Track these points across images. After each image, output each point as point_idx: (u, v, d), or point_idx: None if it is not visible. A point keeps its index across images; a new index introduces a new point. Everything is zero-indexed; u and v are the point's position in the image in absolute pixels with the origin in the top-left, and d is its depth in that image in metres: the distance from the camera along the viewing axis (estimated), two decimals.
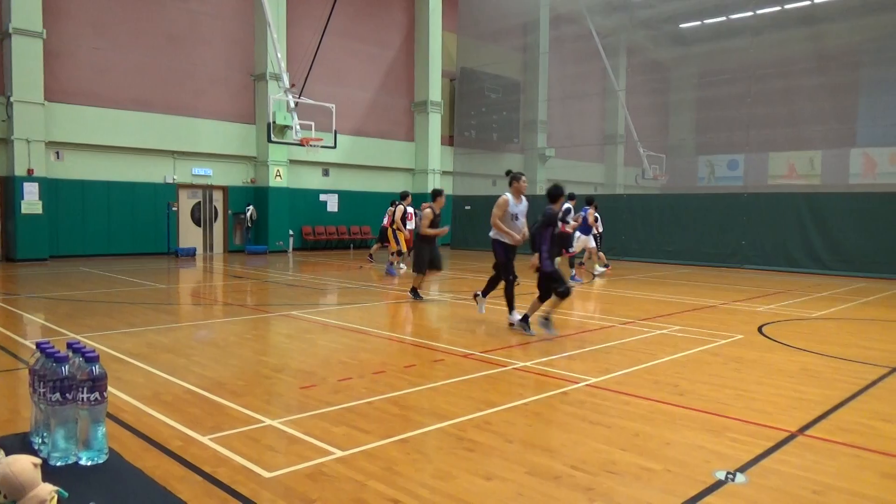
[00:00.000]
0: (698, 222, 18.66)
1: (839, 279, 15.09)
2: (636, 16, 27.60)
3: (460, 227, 25.66)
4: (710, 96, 27.12)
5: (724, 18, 25.79)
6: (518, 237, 8.08)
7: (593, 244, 15.04)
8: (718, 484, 3.53)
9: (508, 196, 8.07)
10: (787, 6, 23.89)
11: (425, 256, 10.52)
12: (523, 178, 8.22)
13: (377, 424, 4.40)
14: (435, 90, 25.87)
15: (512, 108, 28.27)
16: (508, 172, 8.34)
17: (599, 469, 3.70)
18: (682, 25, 27.76)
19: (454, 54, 27.19)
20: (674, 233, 18.96)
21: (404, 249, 15.75)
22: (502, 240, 8.14)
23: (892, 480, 3.63)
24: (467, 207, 25.42)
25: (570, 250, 14.02)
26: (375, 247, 18.56)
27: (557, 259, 14.64)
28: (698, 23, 27.15)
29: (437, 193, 10.91)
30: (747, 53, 25.18)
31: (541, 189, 26.87)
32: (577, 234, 14.45)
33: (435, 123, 25.99)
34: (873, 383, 5.69)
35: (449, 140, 27.27)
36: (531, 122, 27.83)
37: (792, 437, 4.30)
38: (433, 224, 10.51)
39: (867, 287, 13.55)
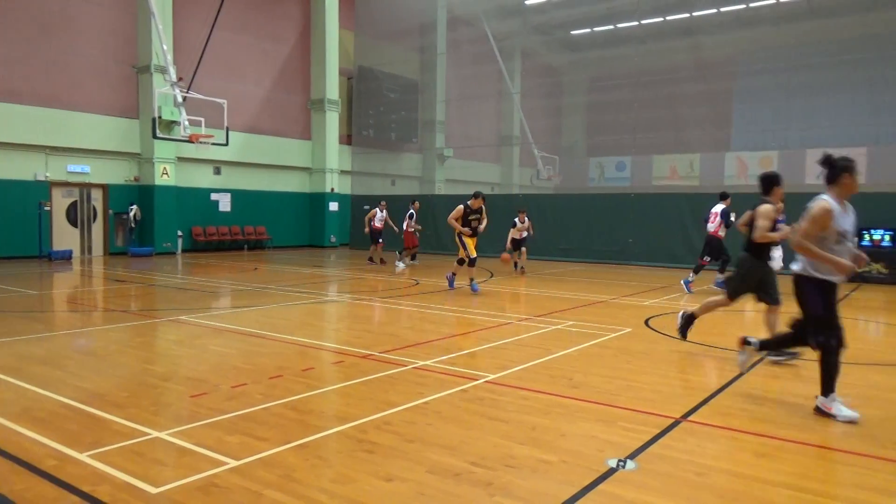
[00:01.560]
0: (589, 221, 19.44)
1: (717, 274, 16.15)
2: (530, 21, 28.43)
3: (358, 227, 25.41)
4: (599, 101, 28.40)
5: (612, 27, 27.07)
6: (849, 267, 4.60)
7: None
8: (611, 472, 3.67)
9: (830, 202, 4.70)
10: (670, 18, 25.42)
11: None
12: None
13: (274, 431, 4.25)
14: (332, 88, 25.47)
15: (410, 107, 28.32)
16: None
17: (499, 464, 3.75)
18: (573, 32, 28.89)
19: (351, 52, 26.89)
20: (566, 231, 19.65)
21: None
22: (821, 276, 4.73)
23: (765, 459, 3.91)
24: (366, 207, 25.21)
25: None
26: (376, 248, 18.12)
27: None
28: (588, 30, 28.35)
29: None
30: (633, 61, 26.55)
31: (439, 189, 27.15)
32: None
33: (332, 122, 25.59)
34: (749, 369, 6.12)
35: (347, 139, 26.93)
36: (429, 123, 28.01)
37: (677, 423, 4.55)
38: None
39: None
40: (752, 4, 23.99)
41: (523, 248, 15.82)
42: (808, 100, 23.97)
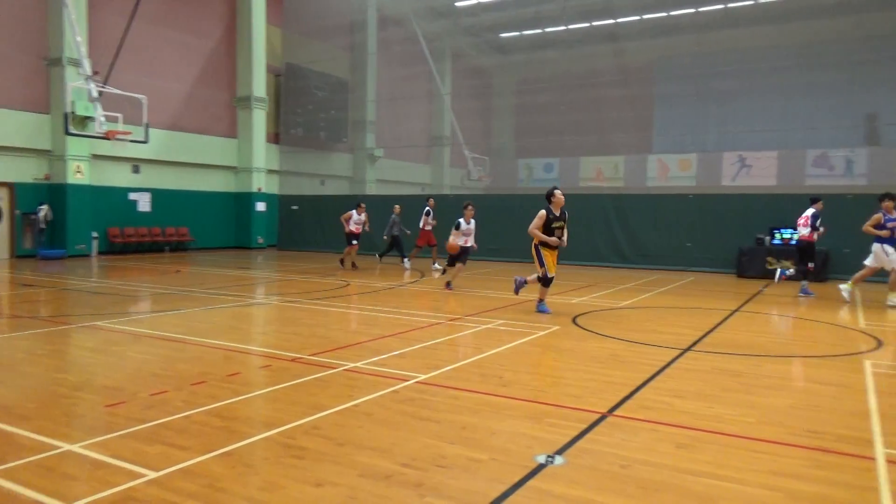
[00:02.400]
0: (518, 221, 19.69)
1: (640, 272, 16.75)
2: (460, 23, 28.62)
3: (286, 227, 24.93)
4: (528, 103, 28.88)
5: (540, 31, 27.59)
6: None
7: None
8: (540, 467, 3.72)
9: None
10: (595, 23, 26.14)
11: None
12: None
13: (197, 439, 4.10)
14: (259, 85, 24.86)
15: (340, 106, 27.99)
16: None
17: (429, 464, 3.74)
18: (502, 35, 29.27)
19: (279, 49, 26.34)
20: (496, 231, 19.86)
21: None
22: None
23: (685, 450, 4.06)
24: (294, 208, 24.76)
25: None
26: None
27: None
28: (517, 33, 28.79)
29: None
30: (560, 65, 27.14)
31: (371, 189, 26.98)
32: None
33: (259, 120, 24.97)
34: (669, 364, 6.36)
35: (275, 138, 26.35)
36: (360, 122, 27.76)
37: (602, 417, 4.66)
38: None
39: (662, 278, 15.18)
40: (672, 13, 24.96)
41: (459, 265, 12.63)
42: (723, 105, 25.15)
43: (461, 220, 12.63)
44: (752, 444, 4.20)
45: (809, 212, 12.43)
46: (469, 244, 12.52)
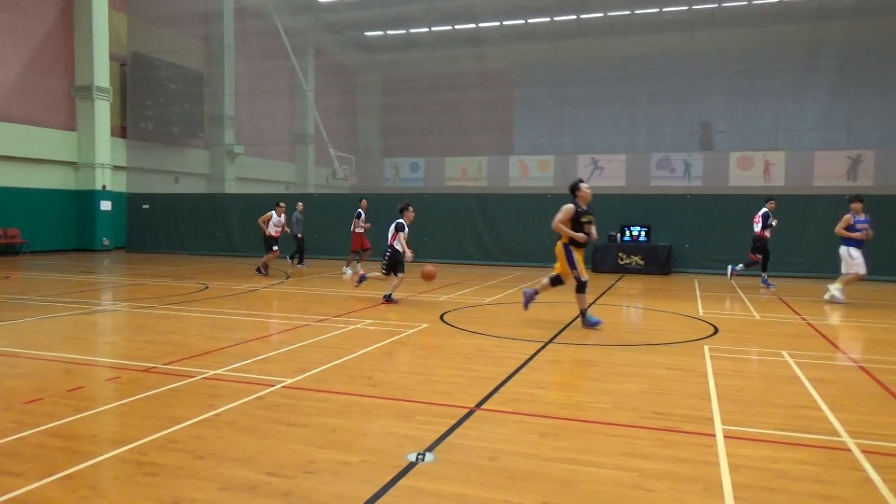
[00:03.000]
0: (385, 221, 19.70)
1: (504, 269, 17.33)
2: (322, 19, 28.11)
3: (136, 228, 23.22)
4: (394, 103, 28.94)
5: (404, 31, 27.73)
6: None
7: None
8: (411, 466, 3.71)
9: None
10: (458, 26, 26.69)
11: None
12: None
13: (32, 463, 3.68)
14: (101, 74, 22.84)
15: (195, 100, 26.48)
16: None
17: (298, 471, 3.61)
18: (366, 33, 29.10)
19: (124, 36, 24.42)
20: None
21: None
22: None
23: (548, 438, 4.23)
24: (145, 207, 23.11)
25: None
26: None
27: None
28: (381, 33, 28.75)
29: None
30: (425, 66, 27.45)
31: (230, 187, 25.78)
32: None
33: (102, 112, 22.95)
34: (532, 357, 6.61)
35: (121, 132, 24.39)
36: (217, 117, 26.44)
37: (471, 412, 4.75)
38: None
39: (526, 275, 15.80)
40: (529, 21, 26.07)
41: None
42: (578, 110, 26.68)
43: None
44: (608, 429, 4.45)
45: (762, 210, 13.47)
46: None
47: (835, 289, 11.22)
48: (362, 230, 15.49)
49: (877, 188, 20.88)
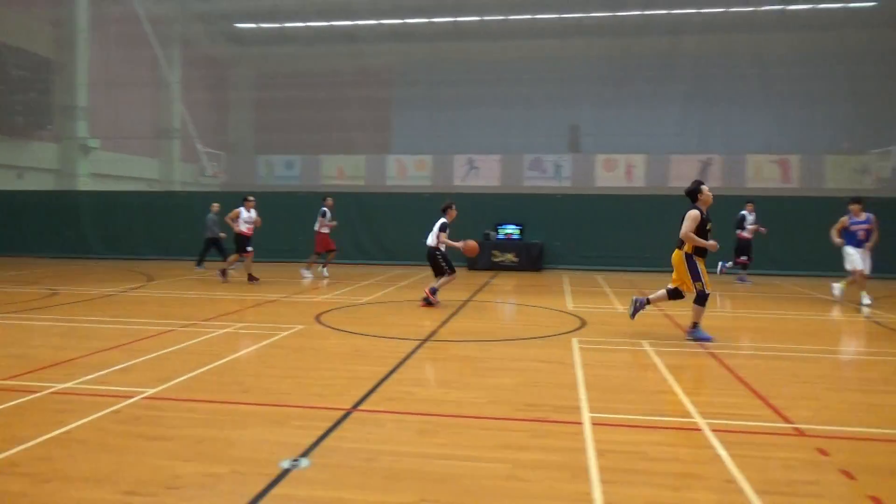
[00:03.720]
0: (263, 220, 19.02)
1: (382, 267, 17.26)
2: (189, 7, 26.65)
3: None
4: (267, 98, 28.01)
5: (277, 25, 26.87)
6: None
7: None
8: (285, 473, 3.58)
9: None
10: (334, 23, 26.26)
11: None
12: None
13: None
14: None
15: (43, 89, 24.14)
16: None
17: (160, 487, 3.37)
18: (237, 25, 27.92)
19: None
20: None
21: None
22: None
23: (426, 436, 4.23)
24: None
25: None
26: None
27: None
28: (253, 25, 27.69)
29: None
30: (301, 61, 26.80)
31: (84, 184, 23.78)
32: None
33: None
34: (410, 355, 6.61)
35: None
36: (69, 108, 24.27)
37: (347, 414, 4.66)
38: None
39: (404, 273, 15.82)
40: (407, 21, 26.16)
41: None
42: (455, 111, 27.12)
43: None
44: (484, 423, 4.54)
45: (741, 213, 14.27)
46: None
47: (837, 287, 11.42)
48: (328, 230, 14.67)
49: (723, 188, 22.90)
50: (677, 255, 7.64)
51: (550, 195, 18.76)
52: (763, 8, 23.68)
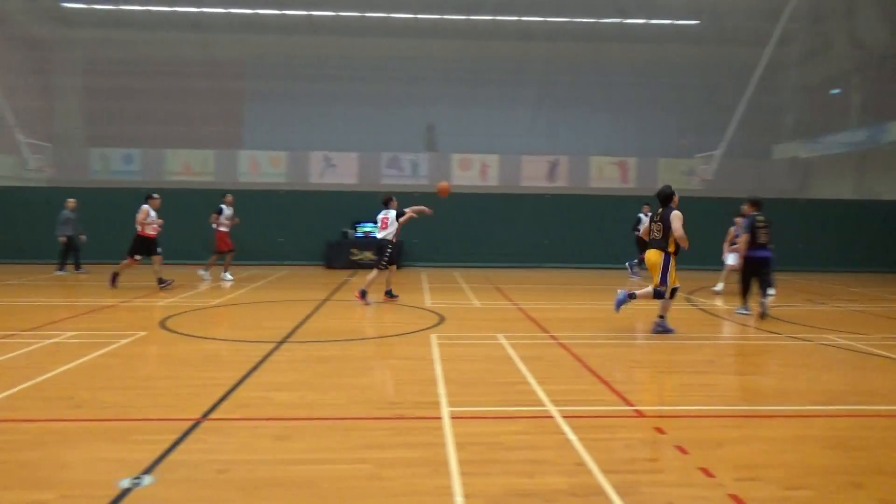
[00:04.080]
0: (92, 217, 17.43)
1: (235, 268, 16.44)
2: None
3: None
4: (102, 86, 25.71)
5: (112, 7, 24.75)
6: None
7: None
8: (124, 493, 3.28)
9: None
10: (178, 8, 24.61)
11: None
12: None
13: None
14: None
15: None
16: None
17: None
18: (64, 4, 25.35)
19: None
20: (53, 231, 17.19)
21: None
22: None
23: (283, 441, 4.07)
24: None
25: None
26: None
27: None
28: (83, 5, 25.28)
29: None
30: (140, 48, 24.86)
31: None
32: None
33: None
34: (265, 358, 6.35)
35: None
36: None
37: (197, 423, 4.37)
38: None
39: (257, 274, 15.18)
40: (259, 11, 25.12)
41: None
42: (310, 107, 26.47)
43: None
44: (344, 424, 4.45)
45: (638, 215, 14.86)
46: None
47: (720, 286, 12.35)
48: (227, 228, 13.65)
49: (569, 188, 24.36)
50: (657, 256, 7.91)
51: (408, 193, 18.89)
52: (603, 20, 25.42)
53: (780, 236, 10.84)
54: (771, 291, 9.86)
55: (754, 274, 9.39)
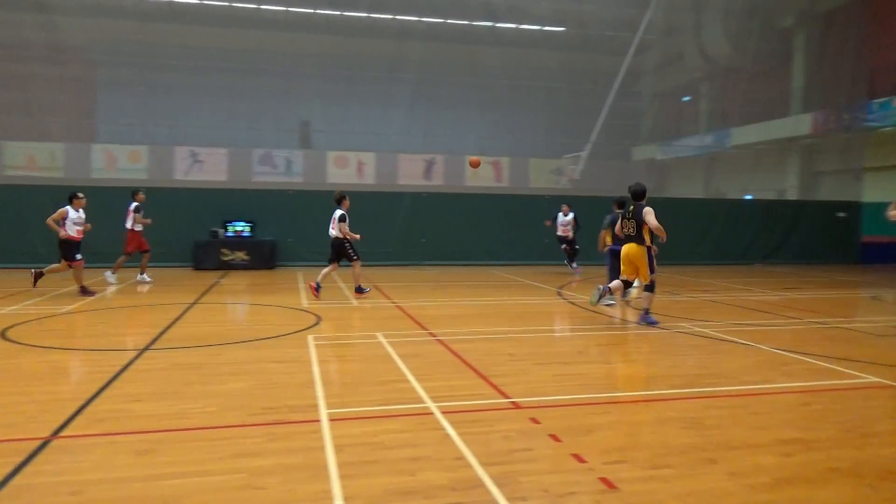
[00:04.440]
0: None
1: (88, 272, 15.16)
2: None
3: None
4: None
5: None
6: None
7: None
8: None
9: None
10: None
11: None
12: None
13: None
14: None
15: None
16: None
17: None
18: None
19: None
20: None
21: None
22: None
23: (146, 456, 3.78)
24: None
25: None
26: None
27: None
28: None
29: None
30: None
31: None
32: None
33: None
34: (125, 367, 5.88)
35: None
36: None
37: (46, 443, 3.97)
38: None
39: (117, 277, 14.10)
40: None
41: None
42: (174, 99, 24.98)
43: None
44: (215, 433, 4.22)
45: (557, 213, 15.26)
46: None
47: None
48: (141, 227, 13.00)
49: (446, 186, 24.71)
50: (638, 250, 8.31)
51: (282, 191, 18.33)
52: (475, 23, 26.01)
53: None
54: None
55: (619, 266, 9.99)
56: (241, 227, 16.55)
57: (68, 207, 11.16)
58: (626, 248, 8.50)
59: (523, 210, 18.10)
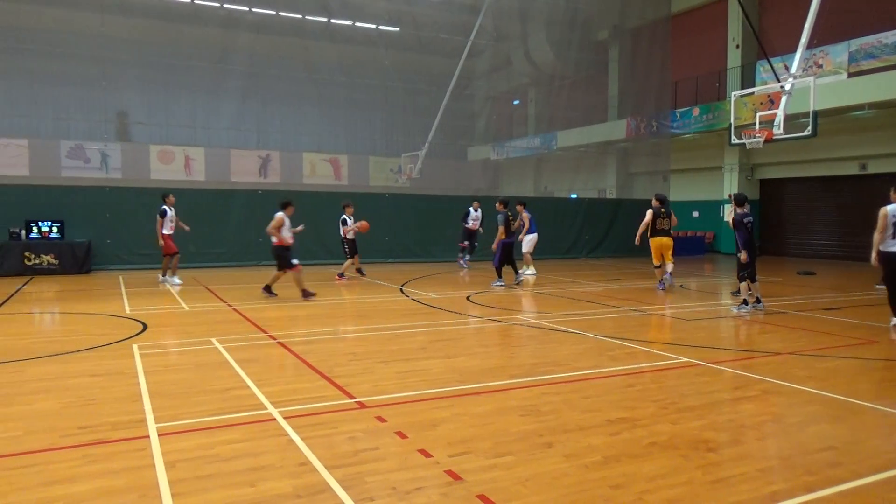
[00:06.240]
0: None
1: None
2: None
3: None
4: None
5: None
6: None
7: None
8: None
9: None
10: None
11: None
12: None
13: None
14: None
15: None
16: None
17: None
18: None
19: None
20: None
21: None
22: None
23: None
24: None
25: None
26: None
27: None
28: None
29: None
30: None
31: None
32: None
33: None
34: None
35: None
36: None
37: None
38: None
39: None
40: None
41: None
42: None
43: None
44: (19, 460, 3.71)
45: (468, 209, 16.33)
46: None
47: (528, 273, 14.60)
48: (170, 231, 12.68)
49: (282, 184, 23.93)
50: (671, 241, 11.72)
51: (97, 187, 16.67)
52: (308, 17, 25.42)
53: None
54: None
55: (509, 256, 12.50)
56: (49, 228, 14.82)
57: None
58: (664, 240, 11.62)
59: (363, 208, 18.00)
